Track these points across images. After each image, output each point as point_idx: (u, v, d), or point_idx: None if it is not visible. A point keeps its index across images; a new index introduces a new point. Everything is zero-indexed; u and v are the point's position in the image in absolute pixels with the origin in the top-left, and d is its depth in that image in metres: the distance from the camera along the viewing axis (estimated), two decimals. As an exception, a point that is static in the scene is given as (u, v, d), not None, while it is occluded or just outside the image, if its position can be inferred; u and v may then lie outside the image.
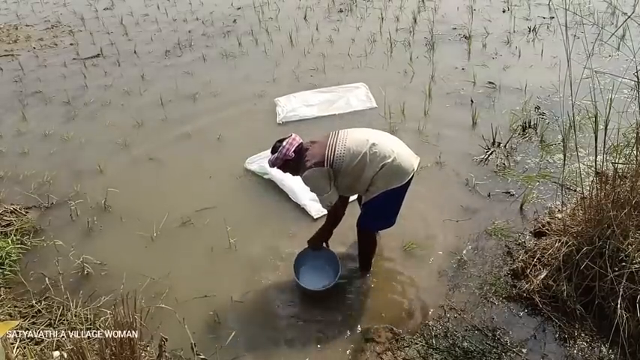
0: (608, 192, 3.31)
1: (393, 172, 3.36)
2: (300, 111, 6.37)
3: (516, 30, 8.35)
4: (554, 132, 5.42)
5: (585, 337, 3.21)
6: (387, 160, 3.34)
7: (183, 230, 4.55)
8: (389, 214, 3.63)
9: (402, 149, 3.49)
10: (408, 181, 3.45)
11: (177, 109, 6.87)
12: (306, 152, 3.48)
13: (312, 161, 3.41)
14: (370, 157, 3.36)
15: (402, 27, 9.13)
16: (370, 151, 3.36)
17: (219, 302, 3.75)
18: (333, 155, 3.39)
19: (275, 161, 3.54)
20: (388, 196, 3.42)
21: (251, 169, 5.31)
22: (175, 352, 3.28)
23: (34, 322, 3.64)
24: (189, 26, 10.51)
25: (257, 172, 5.24)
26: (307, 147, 3.52)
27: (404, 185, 3.44)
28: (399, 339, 3.32)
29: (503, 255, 3.93)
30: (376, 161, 3.35)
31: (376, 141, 3.41)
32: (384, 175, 3.36)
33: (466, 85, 6.68)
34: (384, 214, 3.61)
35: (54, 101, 7.52)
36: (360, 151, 3.37)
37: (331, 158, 3.39)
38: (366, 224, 3.68)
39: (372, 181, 3.40)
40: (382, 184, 3.38)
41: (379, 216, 3.61)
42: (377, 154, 3.36)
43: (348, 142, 3.43)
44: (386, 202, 3.48)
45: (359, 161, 3.36)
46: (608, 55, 6.63)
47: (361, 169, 3.38)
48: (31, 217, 4.86)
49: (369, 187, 3.44)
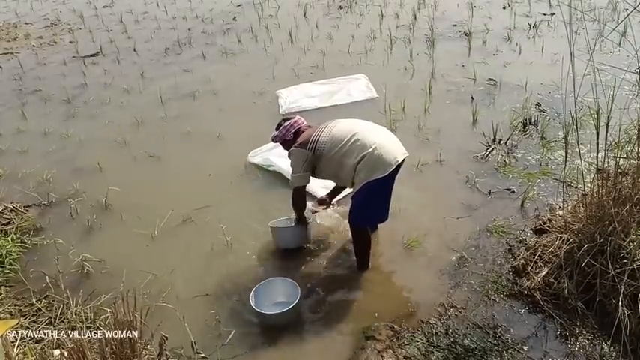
0: (609, 189, 3.29)
1: (374, 163, 3.43)
2: (302, 102, 6.42)
3: (517, 27, 8.34)
4: (554, 129, 5.41)
5: (586, 334, 3.20)
6: (367, 151, 3.44)
7: (183, 228, 4.54)
8: (375, 206, 3.70)
9: (387, 141, 3.56)
10: (392, 174, 3.50)
11: (177, 106, 6.87)
12: (300, 134, 3.77)
13: (298, 142, 3.70)
14: (350, 147, 3.51)
15: (402, 24, 9.12)
16: (351, 140, 3.52)
17: (220, 301, 3.74)
18: (317, 140, 3.62)
19: (275, 138, 3.90)
20: (372, 187, 3.47)
21: (254, 163, 5.31)
22: (176, 351, 3.27)
23: (35, 321, 3.63)
24: (188, 24, 10.51)
25: (261, 164, 5.24)
26: (304, 130, 3.81)
27: (387, 177, 3.46)
28: (399, 336, 3.30)
29: (504, 252, 3.92)
30: (357, 151, 3.47)
31: (361, 131, 3.58)
32: (365, 166, 3.44)
33: (466, 82, 6.67)
34: (371, 206, 3.67)
35: (53, 99, 7.53)
36: (342, 139, 3.55)
37: (315, 143, 3.62)
38: (356, 218, 3.71)
39: (356, 172, 3.48)
40: (364, 175, 3.45)
41: (366, 208, 3.65)
42: (358, 144, 3.49)
43: (334, 130, 3.63)
44: (371, 194, 3.54)
45: (339, 149, 3.54)
46: (609, 52, 6.62)
47: (342, 156, 3.53)
48: (31, 216, 4.85)
49: (354, 179, 3.54)
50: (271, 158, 5.23)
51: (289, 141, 3.81)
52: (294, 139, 3.77)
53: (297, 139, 3.74)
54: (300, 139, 3.71)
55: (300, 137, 3.74)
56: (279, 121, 3.92)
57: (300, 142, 3.68)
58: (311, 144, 3.62)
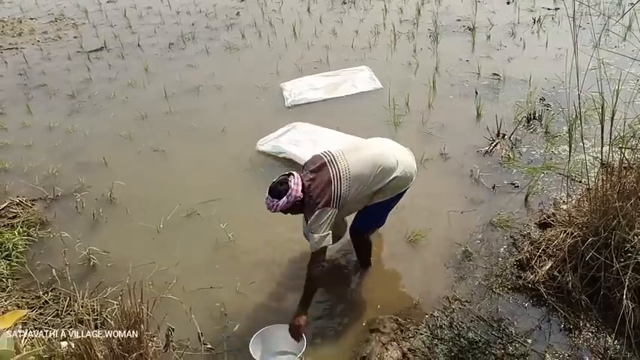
0: (613, 183, 3.29)
1: (400, 183, 3.41)
2: (307, 94, 6.44)
3: (521, 21, 8.32)
4: (558, 123, 5.40)
5: (590, 327, 3.21)
6: (394, 174, 3.33)
7: (188, 222, 4.55)
8: (385, 214, 3.68)
9: (403, 154, 3.50)
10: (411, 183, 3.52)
11: (181, 101, 6.88)
12: (310, 189, 3.23)
13: (322, 201, 3.19)
14: (375, 179, 3.31)
15: (405, 19, 9.10)
16: (375, 172, 3.29)
17: (225, 293, 3.76)
18: (339, 195, 3.23)
19: (284, 204, 3.19)
20: (392, 200, 3.50)
21: (264, 150, 5.31)
22: (182, 343, 3.30)
23: (42, 313, 3.67)
24: (192, 19, 10.50)
25: (271, 152, 5.26)
26: (309, 182, 3.25)
27: (407, 188, 3.51)
28: (404, 329, 3.32)
29: (509, 246, 3.93)
30: (382, 178, 3.32)
31: (381, 160, 3.32)
32: (392, 187, 3.39)
33: (470, 77, 6.66)
34: (381, 215, 3.66)
35: (58, 94, 7.54)
36: (366, 176, 3.28)
37: (338, 198, 3.22)
38: (362, 226, 3.69)
39: (378, 192, 3.39)
40: (389, 192, 3.42)
41: (376, 217, 3.66)
42: (384, 172, 3.32)
43: (352, 169, 3.27)
44: (386, 205, 3.54)
45: (365, 187, 3.31)
46: (614, 46, 6.59)
47: (366, 190, 3.33)
48: (37, 209, 4.88)
49: (372, 199, 3.43)
50: (281, 145, 5.24)
51: (299, 202, 3.23)
52: (303, 199, 3.23)
53: (313, 197, 3.20)
54: (319, 198, 3.19)
55: (315, 194, 3.20)
56: (274, 186, 3.25)
57: (324, 201, 3.17)
58: (335, 201, 3.20)
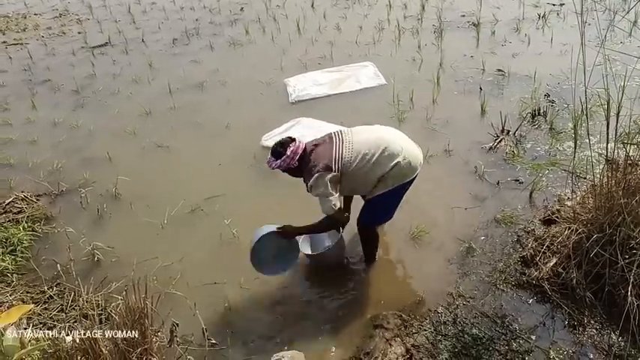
0: (618, 179, 3.28)
1: (403, 170, 3.39)
2: (311, 90, 6.44)
3: (525, 17, 8.27)
4: (563, 119, 5.38)
5: (595, 324, 3.20)
6: (397, 159, 3.35)
7: (192, 217, 4.56)
8: (392, 207, 3.67)
9: (410, 145, 3.50)
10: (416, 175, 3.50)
11: (186, 97, 6.88)
12: (311, 156, 3.41)
13: (320, 166, 3.32)
14: (378, 159, 3.35)
15: (410, 14, 9.07)
16: (378, 151, 3.35)
17: (229, 288, 3.77)
18: (341, 159, 3.34)
19: (277, 166, 3.44)
20: (394, 191, 3.46)
21: (269, 146, 5.30)
22: (186, 338, 3.31)
23: (46, 308, 3.69)
24: (196, 14, 10.49)
25: None
26: (311, 150, 3.44)
27: (412, 180, 3.48)
28: (407, 325, 3.32)
29: (513, 243, 3.92)
30: (384, 163, 3.35)
31: (384, 140, 3.40)
32: (394, 175, 3.38)
33: (475, 73, 6.63)
34: (388, 208, 3.65)
35: (63, 90, 7.56)
36: (369, 152, 3.35)
37: (339, 162, 3.33)
38: (368, 219, 3.68)
39: (381, 180, 3.40)
40: (392, 182, 3.41)
41: (383, 210, 3.65)
42: (386, 154, 3.35)
43: (355, 145, 3.37)
44: (392, 197, 3.52)
45: (367, 163, 3.35)
46: (620, 42, 6.56)
47: (369, 170, 3.37)
48: (42, 205, 4.91)
49: (375, 187, 3.45)
50: None
51: (294, 169, 3.47)
52: (300, 167, 3.44)
53: (311, 163, 3.37)
54: (317, 163, 3.34)
55: (315, 160, 3.37)
56: (275, 146, 3.47)
57: (322, 166, 3.31)
58: (336, 164, 3.32)
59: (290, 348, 3.23)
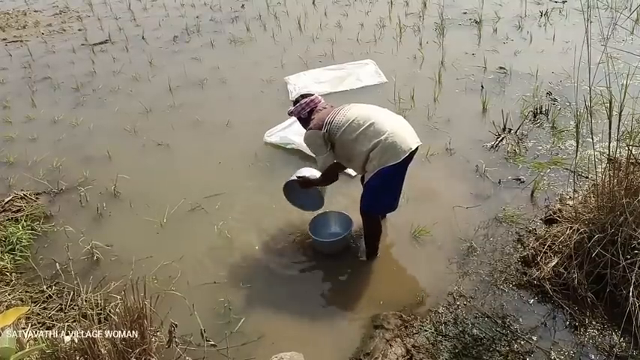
0: (620, 179, 3.26)
1: (386, 150, 3.40)
2: (312, 88, 6.41)
3: (528, 14, 8.24)
4: (565, 118, 5.35)
5: (596, 325, 3.18)
6: (380, 137, 3.42)
7: (192, 216, 4.55)
8: (387, 194, 3.66)
9: (401, 129, 3.53)
10: (405, 162, 3.46)
11: (186, 95, 6.86)
12: (315, 115, 3.75)
13: (313, 124, 3.68)
14: (363, 132, 3.48)
15: (411, 12, 9.04)
16: (364, 125, 3.49)
17: (229, 288, 3.75)
18: (331, 122, 3.59)
19: (291, 112, 3.90)
20: (384, 174, 3.44)
21: (271, 142, 5.31)
22: (185, 338, 3.28)
23: (45, 307, 3.67)
24: (197, 11, 10.47)
25: (279, 143, 5.28)
26: (320, 109, 3.78)
27: (399, 164, 3.43)
28: (408, 325, 3.30)
29: (514, 242, 3.90)
30: (370, 138, 3.45)
31: (376, 118, 3.54)
32: (378, 153, 3.42)
33: (476, 71, 6.61)
34: (382, 193, 3.63)
35: (63, 87, 7.54)
36: (357, 124, 3.52)
37: (329, 124, 3.59)
38: (367, 205, 3.70)
39: (369, 159, 3.47)
40: (377, 162, 3.43)
41: (378, 196, 3.63)
42: (371, 129, 3.47)
43: (349, 114, 3.59)
44: (383, 182, 3.50)
45: (351, 133, 3.51)
46: (622, 40, 6.52)
47: (353, 141, 3.51)
48: (41, 203, 4.89)
49: (366, 166, 3.51)
50: (289, 136, 5.25)
51: (303, 119, 3.83)
52: (309, 118, 3.78)
53: (312, 119, 3.73)
54: (314, 120, 3.68)
55: (315, 118, 3.71)
56: (297, 97, 3.92)
57: (314, 124, 3.65)
58: (326, 125, 3.59)
59: (289, 348, 3.22)
